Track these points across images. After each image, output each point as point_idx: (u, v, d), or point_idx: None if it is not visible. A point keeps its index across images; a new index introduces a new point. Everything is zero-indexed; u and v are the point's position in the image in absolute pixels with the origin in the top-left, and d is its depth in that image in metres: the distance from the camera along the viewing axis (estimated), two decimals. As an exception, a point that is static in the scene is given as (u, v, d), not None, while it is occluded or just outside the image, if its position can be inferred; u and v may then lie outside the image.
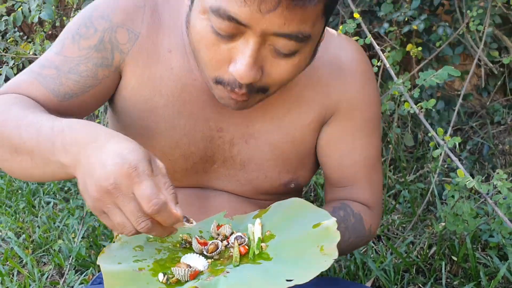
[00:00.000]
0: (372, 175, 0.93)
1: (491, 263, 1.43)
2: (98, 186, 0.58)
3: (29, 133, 0.67)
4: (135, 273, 0.64)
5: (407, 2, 2.09)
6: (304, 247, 0.64)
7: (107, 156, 0.59)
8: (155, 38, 0.81)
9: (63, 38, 0.82)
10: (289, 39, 0.65)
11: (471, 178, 1.07)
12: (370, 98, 0.89)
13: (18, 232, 2.00)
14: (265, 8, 0.62)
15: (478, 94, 2.59)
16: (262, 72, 0.69)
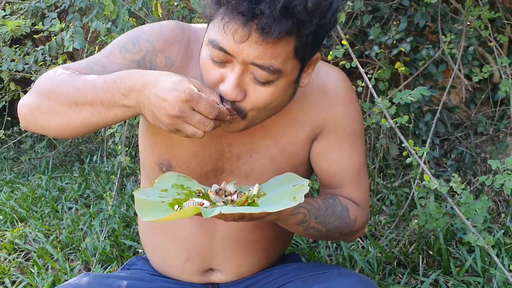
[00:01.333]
0: (358, 179, 1.10)
1: (462, 256, 1.64)
2: (169, 115, 0.82)
3: (86, 88, 0.89)
4: (158, 203, 0.87)
5: (395, 25, 2.32)
6: (283, 197, 0.84)
7: (165, 92, 0.82)
8: (187, 68, 1.00)
9: (112, 47, 1.00)
10: (263, 69, 0.86)
11: (435, 182, 1.29)
12: (352, 116, 1.08)
13: (46, 233, 2.24)
14: (238, 38, 0.83)
15: (465, 107, 2.80)
16: (245, 95, 0.89)
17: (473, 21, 1.97)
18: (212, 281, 1.15)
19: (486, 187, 2.09)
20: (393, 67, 2.36)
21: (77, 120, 0.91)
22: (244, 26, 0.81)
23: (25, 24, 1.84)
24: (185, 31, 1.01)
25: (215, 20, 0.86)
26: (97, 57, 1.00)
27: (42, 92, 0.93)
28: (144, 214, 0.82)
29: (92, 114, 0.89)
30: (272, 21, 0.79)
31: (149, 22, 2.28)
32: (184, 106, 0.82)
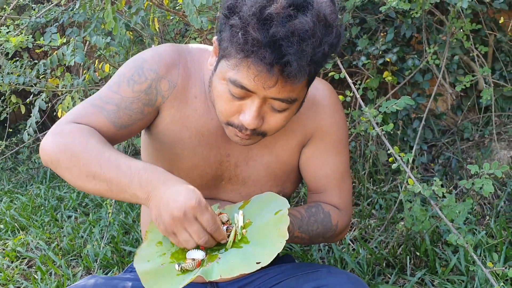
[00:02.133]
0: (341, 184, 1.19)
1: (447, 256, 1.72)
2: (172, 215, 0.88)
3: (109, 166, 0.93)
4: (160, 268, 0.92)
5: (382, 36, 2.41)
6: (268, 230, 0.92)
7: (178, 194, 0.88)
8: (186, 87, 1.08)
9: (119, 81, 1.06)
10: (282, 102, 0.95)
11: (419, 186, 1.38)
12: (337, 125, 1.17)
13: (47, 241, 2.30)
14: (268, 85, 0.91)
15: (452, 113, 2.90)
16: (263, 121, 0.98)
17: (456, 32, 2.07)
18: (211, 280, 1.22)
19: (472, 191, 2.18)
20: (381, 76, 2.45)
21: (89, 188, 0.97)
22: (270, 73, 0.88)
23: (28, 39, 1.91)
24: (181, 53, 1.09)
25: (234, 60, 0.91)
26: (108, 94, 1.06)
27: (66, 150, 0.97)
28: (152, 286, 0.89)
29: (105, 190, 0.95)
30: (298, 71, 0.87)
31: (146, 35, 2.36)
32: (189, 211, 0.88)
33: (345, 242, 1.90)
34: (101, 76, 2.09)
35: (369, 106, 1.66)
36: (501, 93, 2.60)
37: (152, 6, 2.03)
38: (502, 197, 2.10)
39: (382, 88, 2.67)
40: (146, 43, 2.28)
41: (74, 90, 2.09)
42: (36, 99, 2.12)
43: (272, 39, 0.85)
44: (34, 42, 1.96)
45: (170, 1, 2.25)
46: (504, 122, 2.65)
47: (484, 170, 1.31)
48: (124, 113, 1.05)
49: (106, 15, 1.82)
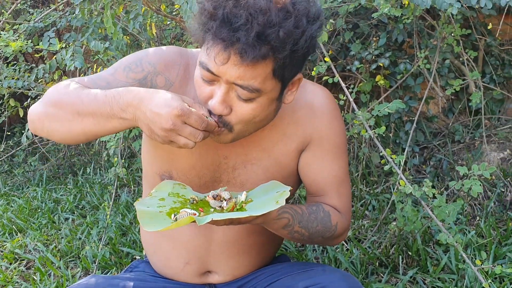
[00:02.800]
0: (340, 188, 1.21)
1: (438, 256, 1.77)
2: (163, 129, 0.93)
3: (89, 100, 1.00)
4: (157, 213, 0.98)
5: (375, 41, 2.46)
6: (267, 203, 0.96)
7: (159, 108, 0.93)
8: (185, 89, 1.11)
9: (117, 66, 1.11)
10: (243, 89, 0.97)
11: (410, 186, 1.42)
12: (335, 130, 1.19)
13: (45, 243, 2.33)
14: (219, 61, 0.94)
15: (444, 116, 2.96)
16: (231, 110, 1.00)
17: (447, 37, 2.12)
18: (209, 282, 1.26)
19: (462, 192, 2.23)
20: (374, 80, 2.50)
21: (79, 128, 1.02)
22: (225, 50, 0.92)
23: (27, 44, 1.94)
24: (183, 55, 1.13)
25: (204, 45, 0.97)
26: (103, 74, 1.11)
27: (50, 101, 1.04)
28: (146, 224, 0.93)
29: (92, 124, 1.01)
30: (247, 47, 0.91)
31: (143, 40, 2.40)
32: (176, 120, 0.93)
33: (339, 242, 1.94)
34: (99, 80, 2.12)
35: (362, 109, 1.71)
36: (491, 96, 2.66)
37: (150, 11, 2.07)
38: (492, 198, 2.15)
39: (375, 91, 2.72)
40: (143, 47, 2.32)
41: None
42: (34, 103, 2.15)
43: (224, 15, 0.91)
44: (34, 46, 1.99)
45: (167, 6, 2.30)
46: (494, 125, 2.71)
47: (473, 172, 1.36)
48: None
49: (106, 21, 1.85)
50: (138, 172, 2.99)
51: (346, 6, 1.86)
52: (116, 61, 2.50)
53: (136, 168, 3.03)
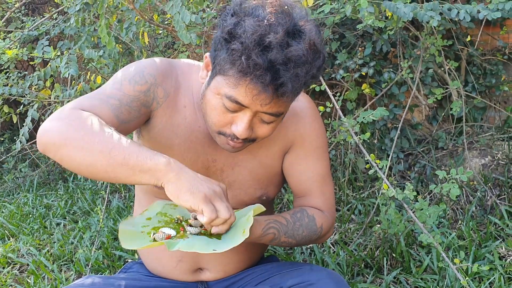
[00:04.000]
0: (323, 187, 1.29)
1: (421, 257, 1.84)
2: (204, 193, 0.97)
3: (122, 149, 0.97)
4: (138, 233, 1.03)
5: (361, 50, 2.54)
6: (236, 232, 1.02)
7: (205, 178, 1.00)
8: (176, 97, 1.17)
9: (121, 79, 1.13)
10: (271, 115, 1.06)
11: (393, 190, 1.49)
12: (316, 132, 1.28)
13: (37, 247, 2.36)
14: (265, 103, 1.01)
15: (428, 123, 3.04)
16: (252, 131, 1.08)
17: (429, 47, 2.20)
18: (202, 279, 1.31)
19: (445, 197, 2.30)
20: (360, 88, 2.58)
21: (102, 164, 0.97)
22: (266, 91, 0.98)
23: (22, 52, 1.99)
24: (173, 67, 1.19)
25: (231, 79, 1.01)
26: (112, 90, 1.12)
27: (78, 129, 0.98)
28: (124, 241, 0.99)
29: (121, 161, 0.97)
30: (292, 92, 1.00)
31: (135, 48, 2.46)
32: (215, 194, 0.99)
33: (326, 245, 2.01)
34: (92, 88, 2.17)
35: (348, 117, 1.78)
36: (473, 105, 2.75)
37: (143, 21, 2.13)
38: (473, 202, 2.23)
39: (361, 99, 2.80)
40: (135, 55, 2.37)
41: (66, 101, 2.17)
42: (27, 109, 2.19)
43: (271, 64, 0.96)
44: (29, 54, 2.04)
45: (158, 15, 2.36)
46: (476, 132, 2.80)
47: (452, 175, 1.43)
48: (125, 109, 1.11)
49: (100, 31, 1.91)
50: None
51: (333, 17, 1.93)
52: (108, 69, 2.55)
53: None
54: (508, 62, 2.67)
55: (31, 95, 2.37)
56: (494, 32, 2.68)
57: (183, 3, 1.69)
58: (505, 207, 2.11)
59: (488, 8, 1.63)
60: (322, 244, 2.06)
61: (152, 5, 2.27)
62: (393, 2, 1.64)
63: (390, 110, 2.63)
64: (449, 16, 1.66)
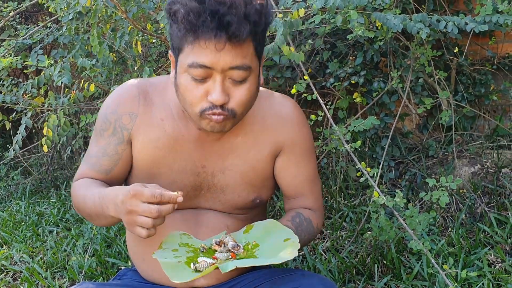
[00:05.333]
0: (313, 187, 1.34)
1: (412, 264, 1.87)
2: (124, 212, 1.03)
3: (92, 209, 1.15)
4: (177, 264, 1.08)
5: (352, 60, 2.58)
6: (277, 251, 1.07)
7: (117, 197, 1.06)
8: (149, 114, 1.22)
9: (94, 134, 1.26)
10: (239, 69, 1.06)
11: (383, 197, 1.52)
12: (305, 136, 1.31)
13: (30, 254, 2.36)
14: (220, 48, 1.03)
15: (419, 132, 3.08)
16: (229, 97, 1.10)
17: (419, 57, 2.24)
18: (195, 285, 1.32)
19: (436, 204, 2.33)
20: (351, 97, 2.62)
21: (98, 223, 1.20)
22: (219, 39, 1.02)
23: (17, 60, 2.01)
24: (140, 86, 1.24)
25: (188, 48, 1.06)
26: (91, 149, 1.26)
27: (76, 206, 1.23)
28: (173, 276, 1.04)
29: (103, 222, 1.18)
30: (239, 27, 1.03)
31: (128, 57, 2.47)
32: (131, 200, 1.01)
33: (317, 252, 2.03)
34: (86, 96, 2.19)
35: (339, 125, 1.81)
36: (463, 114, 2.79)
37: (136, 30, 2.15)
38: (463, 210, 2.26)
39: (352, 108, 2.83)
40: (129, 64, 2.39)
41: (60, 109, 2.18)
42: (19, 117, 2.21)
43: (209, 7, 1.02)
44: (23, 63, 2.05)
45: (151, 25, 2.38)
46: (466, 141, 2.84)
47: (441, 183, 1.46)
48: (104, 160, 1.24)
49: (92, 39, 1.93)
50: (122, 186, 3.04)
51: (324, 27, 1.96)
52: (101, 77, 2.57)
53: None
54: (496, 72, 2.72)
55: (24, 103, 2.38)
56: (483, 42, 2.73)
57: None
58: (494, 214, 2.14)
59: (475, 20, 1.66)
60: (314, 251, 2.08)
61: (145, 14, 2.30)
62: (383, 13, 1.67)
63: (381, 119, 2.66)
64: (438, 27, 1.70)
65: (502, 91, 2.74)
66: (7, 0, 2.76)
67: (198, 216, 1.29)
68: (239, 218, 1.30)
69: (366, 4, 1.80)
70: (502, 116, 2.81)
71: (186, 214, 1.29)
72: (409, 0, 2.16)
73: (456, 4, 2.66)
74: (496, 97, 2.71)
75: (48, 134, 2.16)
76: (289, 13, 1.67)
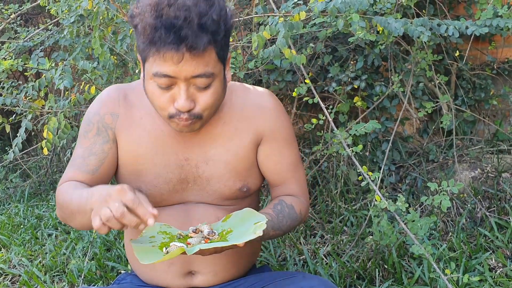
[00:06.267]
0: (296, 174, 1.36)
1: (413, 268, 1.86)
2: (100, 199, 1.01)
3: (77, 203, 1.12)
4: (150, 248, 1.10)
5: (352, 64, 2.58)
6: (245, 233, 1.08)
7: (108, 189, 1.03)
8: (129, 114, 1.27)
9: (79, 137, 1.29)
10: (201, 77, 1.09)
11: (385, 202, 1.51)
12: (284, 123, 1.34)
13: (29, 258, 2.35)
14: (176, 61, 1.05)
15: (419, 136, 3.08)
16: (195, 103, 1.13)
17: (420, 61, 2.24)
18: (194, 285, 1.32)
19: (436, 209, 2.33)
20: (352, 101, 2.62)
21: (80, 224, 1.18)
22: (177, 51, 1.05)
23: (18, 63, 2.00)
24: (119, 88, 1.30)
25: (151, 58, 1.08)
26: (77, 152, 1.28)
27: (60, 207, 1.22)
28: (142, 258, 1.06)
29: (84, 220, 1.11)
30: (195, 40, 1.05)
31: (129, 60, 2.47)
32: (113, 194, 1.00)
33: (319, 256, 2.02)
34: (86, 98, 2.19)
35: (340, 129, 1.81)
36: (463, 118, 2.79)
37: (137, 33, 2.15)
38: (463, 214, 2.26)
39: (353, 112, 2.83)
40: (130, 67, 2.39)
41: (60, 111, 2.17)
42: (20, 119, 2.20)
43: (165, 21, 1.04)
44: (24, 65, 2.05)
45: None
46: (466, 145, 2.84)
47: (443, 187, 1.45)
48: (90, 159, 1.26)
49: (93, 42, 1.93)
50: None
51: (325, 31, 1.96)
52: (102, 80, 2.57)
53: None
54: (496, 76, 2.72)
55: (24, 106, 2.38)
56: (483, 47, 2.73)
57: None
58: (495, 219, 2.13)
59: (476, 24, 1.67)
60: (315, 255, 2.07)
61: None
62: (384, 17, 1.67)
63: (382, 123, 2.66)
64: (439, 31, 1.70)
65: (502, 96, 2.74)
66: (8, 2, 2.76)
67: (189, 210, 1.31)
68: (229, 210, 1.30)
69: (367, 9, 1.80)
70: (502, 121, 2.81)
71: (176, 209, 1.31)
72: (410, 5, 2.16)
73: (456, 9, 2.66)
74: (496, 102, 2.71)
75: (48, 136, 2.15)
76: (290, 17, 1.67)
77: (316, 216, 2.40)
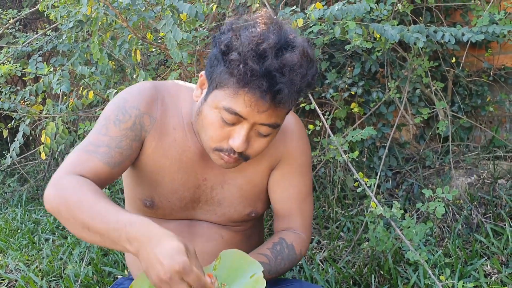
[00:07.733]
0: (302, 206, 1.30)
1: (409, 274, 1.87)
2: (159, 277, 0.91)
3: (100, 220, 0.98)
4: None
5: (350, 70, 2.59)
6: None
7: (163, 256, 0.90)
8: (164, 120, 1.19)
9: (106, 123, 1.15)
10: (268, 127, 1.08)
11: (380, 208, 1.52)
12: (302, 149, 1.30)
13: (26, 263, 2.35)
14: (262, 110, 1.03)
15: (416, 142, 3.09)
16: (248, 146, 1.10)
17: (417, 68, 2.26)
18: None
19: (433, 215, 2.34)
20: (349, 107, 2.63)
21: (86, 238, 1.02)
22: (264, 100, 1.01)
23: (16, 67, 2.01)
24: (159, 90, 1.20)
25: (228, 91, 1.04)
26: (98, 137, 1.14)
27: (63, 203, 1.03)
28: None
29: (99, 241, 1.00)
30: (288, 98, 1.02)
31: (127, 65, 2.48)
32: (175, 275, 0.90)
33: (315, 262, 2.03)
34: (84, 103, 2.19)
35: (337, 135, 1.82)
36: (459, 124, 2.81)
37: (136, 38, 2.16)
38: (459, 220, 2.27)
39: (350, 118, 2.84)
40: (128, 73, 2.40)
41: (58, 116, 2.18)
42: (18, 124, 2.21)
43: (267, 71, 1.00)
44: (22, 70, 2.06)
45: (151, 33, 2.39)
46: (462, 151, 2.85)
47: (437, 194, 1.46)
48: (115, 152, 1.13)
49: (92, 47, 1.94)
50: (118, 194, 3.04)
51: (322, 38, 1.98)
52: (100, 85, 2.57)
53: (116, 189, 3.08)
54: (493, 83, 2.74)
55: (22, 110, 2.39)
56: (479, 54, 2.75)
57: (175, 22, 1.73)
58: (491, 225, 2.14)
59: (472, 31, 1.68)
60: (311, 261, 2.07)
61: (145, 23, 2.31)
62: (381, 24, 1.69)
63: (379, 129, 2.67)
64: (435, 38, 1.72)
65: (498, 102, 2.76)
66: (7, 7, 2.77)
67: (193, 227, 1.29)
68: (234, 230, 1.30)
69: (364, 15, 1.82)
70: (498, 127, 2.82)
71: (181, 224, 1.29)
72: (407, 12, 2.17)
73: (453, 16, 2.68)
74: (492, 108, 2.73)
75: (46, 141, 2.16)
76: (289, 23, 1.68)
77: (312, 221, 2.41)
